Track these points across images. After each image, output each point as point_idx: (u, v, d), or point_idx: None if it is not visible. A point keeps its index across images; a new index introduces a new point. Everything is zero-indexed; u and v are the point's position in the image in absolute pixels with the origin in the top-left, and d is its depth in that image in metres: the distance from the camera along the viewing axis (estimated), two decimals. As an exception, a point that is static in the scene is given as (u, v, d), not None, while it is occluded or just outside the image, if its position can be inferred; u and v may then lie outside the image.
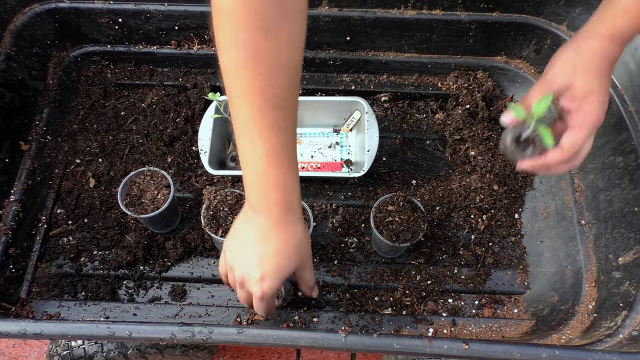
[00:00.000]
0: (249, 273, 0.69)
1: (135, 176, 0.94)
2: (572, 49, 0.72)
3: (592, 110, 0.70)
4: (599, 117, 0.70)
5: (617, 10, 0.68)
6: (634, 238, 0.84)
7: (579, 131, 0.70)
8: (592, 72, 0.70)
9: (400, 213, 0.91)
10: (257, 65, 0.57)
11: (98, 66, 1.17)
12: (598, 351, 0.69)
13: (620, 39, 0.69)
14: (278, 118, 0.60)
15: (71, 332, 0.73)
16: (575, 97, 0.71)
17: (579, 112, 0.70)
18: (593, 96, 0.70)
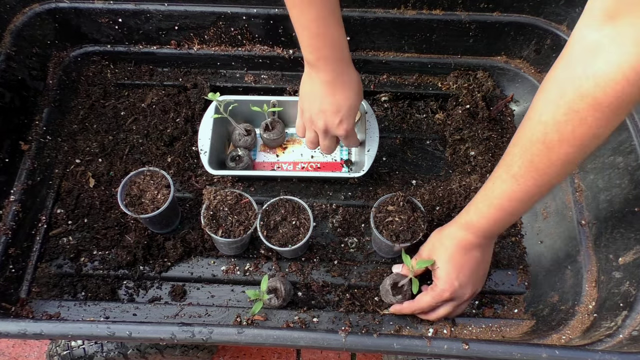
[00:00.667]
0: (329, 121, 0.88)
1: (135, 176, 0.94)
2: (439, 230, 0.87)
3: (437, 284, 0.84)
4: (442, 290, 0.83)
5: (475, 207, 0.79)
6: (634, 238, 0.84)
7: (426, 294, 0.85)
8: (442, 251, 0.83)
9: (400, 213, 0.91)
10: None
11: (98, 66, 1.17)
12: (598, 351, 0.69)
13: (475, 230, 0.79)
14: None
15: (71, 332, 0.73)
16: (432, 269, 0.85)
17: (432, 284, 0.85)
18: (439, 272, 0.83)
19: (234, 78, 1.18)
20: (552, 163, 0.63)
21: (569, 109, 0.57)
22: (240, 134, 1.08)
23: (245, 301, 0.94)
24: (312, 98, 0.87)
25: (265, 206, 0.92)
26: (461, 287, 0.83)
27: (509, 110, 1.15)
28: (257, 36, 1.14)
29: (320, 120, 0.88)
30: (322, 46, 0.80)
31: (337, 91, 0.85)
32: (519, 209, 0.73)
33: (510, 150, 0.69)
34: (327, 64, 0.82)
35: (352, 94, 0.87)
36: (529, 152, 0.65)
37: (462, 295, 0.84)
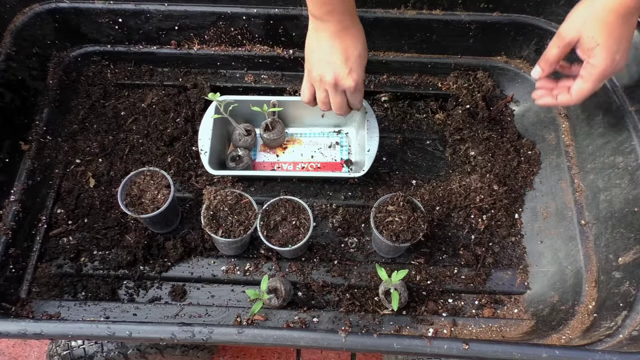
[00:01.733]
0: (338, 72, 0.84)
1: (135, 176, 0.94)
2: (585, 2, 0.77)
3: (596, 63, 0.75)
4: (603, 69, 0.75)
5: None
6: (634, 238, 0.84)
7: (585, 81, 0.77)
8: (599, 25, 0.74)
9: (400, 213, 0.91)
10: None
11: (98, 66, 1.17)
12: (598, 351, 0.69)
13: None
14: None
15: (71, 332, 0.73)
16: (583, 50, 0.76)
17: (586, 64, 0.76)
18: (598, 49, 0.74)
19: (234, 78, 1.18)
20: None
21: None
22: (240, 134, 1.08)
23: (245, 301, 0.94)
24: (320, 51, 0.85)
25: (265, 206, 0.92)
26: (621, 60, 0.76)
27: (509, 110, 1.15)
28: (257, 36, 1.14)
29: (329, 71, 0.85)
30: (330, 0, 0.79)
31: (344, 41, 0.83)
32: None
33: None
34: (333, 15, 0.80)
35: (360, 44, 0.85)
36: None
37: (620, 67, 0.77)
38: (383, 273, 0.87)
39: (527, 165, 1.06)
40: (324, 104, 0.91)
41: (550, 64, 0.84)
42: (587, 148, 0.99)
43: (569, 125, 1.05)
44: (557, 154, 1.03)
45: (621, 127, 0.90)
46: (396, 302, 0.84)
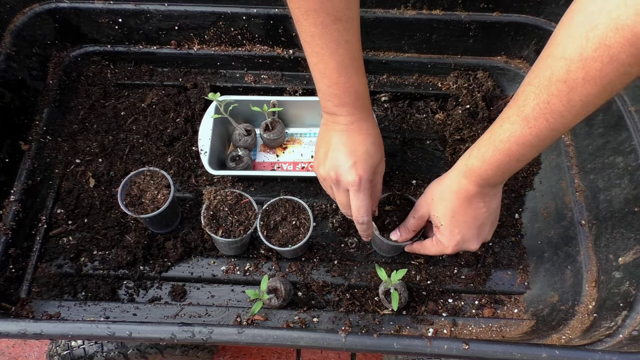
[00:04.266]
0: (341, 165, 0.77)
1: (135, 176, 0.94)
2: (437, 180, 0.82)
3: (441, 239, 0.81)
4: (444, 246, 0.81)
5: (477, 151, 0.71)
6: (634, 238, 0.84)
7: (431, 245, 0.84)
8: (444, 206, 0.78)
9: (397, 211, 0.91)
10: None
11: (98, 66, 1.17)
12: (598, 351, 0.69)
13: (476, 178, 0.73)
14: (340, 30, 0.68)
15: (71, 332, 0.73)
16: (434, 224, 0.82)
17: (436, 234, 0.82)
18: (442, 228, 0.79)
19: (234, 78, 1.18)
20: (572, 104, 0.57)
21: (599, 44, 0.51)
22: (240, 134, 1.08)
23: (245, 301, 0.94)
24: (326, 146, 0.79)
25: (265, 206, 0.92)
26: (465, 242, 0.79)
27: (509, 110, 1.14)
28: (257, 36, 1.14)
29: (331, 168, 0.79)
30: (342, 93, 0.75)
31: (353, 134, 0.77)
32: (526, 155, 0.67)
33: (523, 90, 0.63)
34: (346, 110, 0.76)
35: (369, 140, 0.78)
36: (546, 92, 0.59)
37: (467, 247, 0.81)
38: (383, 273, 0.87)
39: (527, 165, 1.06)
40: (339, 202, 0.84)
41: (409, 232, 0.87)
42: (587, 148, 0.99)
43: (569, 125, 1.05)
44: (557, 154, 1.03)
45: (621, 127, 0.90)
46: (396, 302, 0.84)
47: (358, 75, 0.74)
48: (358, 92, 0.75)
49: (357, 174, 0.76)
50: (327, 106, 0.77)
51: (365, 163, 0.77)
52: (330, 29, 0.67)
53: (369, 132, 0.78)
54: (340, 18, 0.67)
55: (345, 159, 0.77)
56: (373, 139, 0.79)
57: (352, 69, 0.73)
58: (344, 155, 0.77)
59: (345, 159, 0.77)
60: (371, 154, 0.78)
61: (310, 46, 0.71)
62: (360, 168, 0.76)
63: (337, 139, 0.78)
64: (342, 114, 0.76)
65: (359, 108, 0.77)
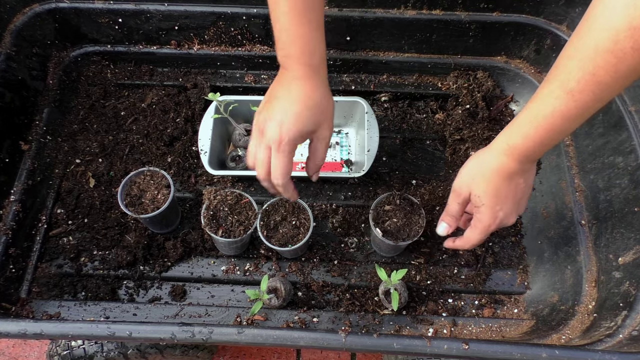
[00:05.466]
0: (269, 119, 0.73)
1: (135, 176, 0.94)
2: (475, 158, 0.79)
3: (481, 219, 0.78)
4: (487, 226, 0.78)
5: (518, 129, 0.71)
6: (634, 238, 0.84)
7: (473, 232, 0.80)
8: (485, 185, 0.77)
9: (397, 211, 0.91)
10: None
11: (98, 66, 1.17)
12: (598, 351, 0.69)
13: (517, 155, 0.73)
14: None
15: (71, 332, 0.73)
16: (472, 205, 0.80)
17: (474, 218, 0.80)
18: (483, 208, 0.77)
19: (234, 78, 1.18)
20: (619, 75, 0.57)
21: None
22: (240, 134, 1.08)
23: (245, 301, 0.94)
24: (268, 97, 0.77)
25: (265, 206, 0.92)
26: (505, 217, 0.78)
27: (509, 110, 1.15)
28: (257, 36, 1.14)
29: (260, 118, 0.76)
30: (290, 43, 0.72)
31: (292, 92, 0.74)
32: (569, 128, 0.67)
33: (563, 64, 0.62)
34: (292, 63, 0.73)
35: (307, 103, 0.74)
36: (592, 64, 0.58)
37: (506, 222, 0.79)
38: (383, 273, 0.87)
39: (527, 165, 1.06)
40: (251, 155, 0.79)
41: (455, 219, 0.85)
42: (587, 148, 0.99)
43: (569, 125, 1.05)
44: (557, 154, 1.03)
45: (621, 127, 0.90)
46: (396, 302, 0.84)
47: (310, 27, 0.71)
48: (307, 46, 0.72)
49: (280, 133, 0.73)
50: (278, 56, 0.74)
51: (293, 125, 0.73)
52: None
53: (309, 94, 0.74)
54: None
55: (273, 114, 0.73)
56: (311, 100, 0.74)
57: (304, 19, 0.70)
58: (274, 111, 0.74)
59: (274, 114, 0.73)
60: (303, 117, 0.74)
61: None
62: (285, 128, 0.72)
63: (276, 92, 0.75)
64: (288, 67, 0.74)
65: (305, 65, 0.73)
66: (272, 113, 0.74)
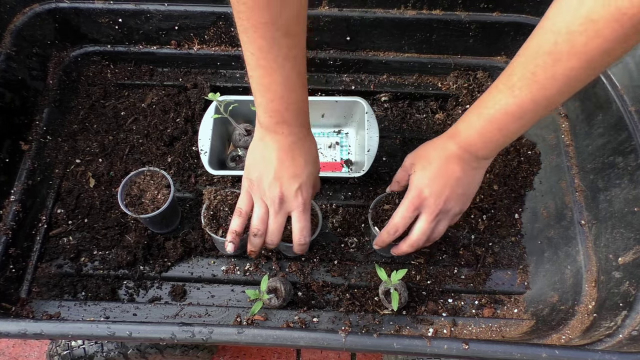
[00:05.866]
0: (286, 188, 0.76)
1: (135, 176, 0.94)
2: (428, 142, 0.83)
3: (409, 189, 0.80)
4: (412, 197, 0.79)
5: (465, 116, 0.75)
6: (634, 238, 0.84)
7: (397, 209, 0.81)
8: (422, 157, 0.80)
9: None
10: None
11: (98, 66, 1.17)
12: (598, 351, 0.69)
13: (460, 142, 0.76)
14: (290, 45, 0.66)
15: (71, 332, 0.73)
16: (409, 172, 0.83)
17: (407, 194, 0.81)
18: (412, 176, 0.80)
19: (234, 78, 1.18)
20: (555, 77, 0.60)
21: (586, 19, 0.53)
22: (240, 134, 1.08)
23: (245, 301, 0.94)
24: (266, 165, 0.77)
25: None
26: (432, 196, 0.77)
27: (509, 110, 1.14)
28: (257, 36, 1.14)
29: (275, 188, 0.76)
30: (285, 110, 0.72)
31: (295, 157, 0.76)
32: (509, 127, 0.68)
33: (513, 61, 0.65)
34: (287, 128, 0.74)
35: (311, 162, 0.79)
36: (533, 63, 0.61)
37: (433, 206, 0.78)
38: (383, 273, 0.87)
39: (527, 165, 1.06)
40: (261, 222, 0.80)
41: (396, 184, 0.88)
42: (587, 148, 0.99)
43: (568, 125, 1.05)
44: (557, 154, 1.03)
45: (621, 127, 0.90)
46: (396, 302, 0.84)
47: (302, 91, 0.73)
48: (301, 108, 0.74)
49: (303, 197, 0.78)
50: (267, 122, 0.74)
51: (308, 186, 0.79)
52: (279, 44, 0.65)
53: (310, 152, 0.79)
54: (290, 33, 0.65)
55: (289, 182, 0.76)
56: (312, 157, 0.80)
57: (297, 85, 0.71)
58: (289, 179, 0.76)
59: (290, 182, 0.76)
60: (313, 175, 0.80)
61: (257, 59, 0.68)
62: (305, 191, 0.78)
63: (278, 161, 0.76)
64: (283, 132, 0.75)
65: (300, 126, 0.76)
66: (286, 182, 0.76)
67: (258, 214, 0.80)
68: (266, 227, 0.81)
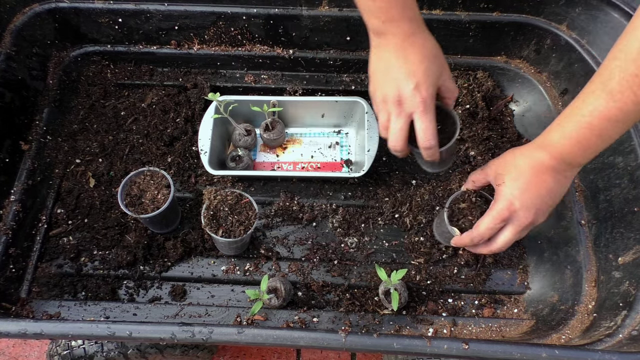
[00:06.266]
0: (402, 88, 0.73)
1: (135, 176, 0.94)
2: (514, 149, 0.80)
3: (496, 200, 0.77)
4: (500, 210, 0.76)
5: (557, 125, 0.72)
6: (633, 238, 0.84)
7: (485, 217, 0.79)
8: (510, 168, 0.77)
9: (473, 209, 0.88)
10: None
11: (98, 66, 1.17)
12: (598, 351, 0.70)
13: (553, 151, 0.72)
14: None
15: (71, 332, 0.73)
16: (494, 183, 0.80)
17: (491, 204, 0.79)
18: (501, 187, 0.77)
19: (234, 78, 1.18)
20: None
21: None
22: (240, 134, 1.08)
23: (245, 301, 0.94)
24: (381, 70, 0.76)
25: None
26: (522, 209, 0.75)
27: (509, 110, 1.15)
28: (257, 36, 1.14)
29: (392, 90, 0.74)
30: (389, 6, 0.71)
31: (408, 53, 0.74)
32: (609, 131, 0.65)
33: (607, 65, 0.62)
34: (396, 25, 0.73)
35: (428, 57, 0.75)
36: (634, 65, 0.58)
37: (522, 219, 0.76)
38: (383, 273, 0.87)
39: (527, 165, 1.06)
40: (383, 127, 0.79)
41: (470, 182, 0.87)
42: (587, 148, 0.99)
43: (568, 125, 1.05)
44: (557, 154, 1.03)
45: (621, 127, 0.90)
46: (396, 302, 0.84)
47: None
48: (407, 4, 0.73)
49: (422, 96, 0.73)
50: (375, 24, 0.74)
51: (427, 82, 0.74)
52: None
53: (424, 45, 0.75)
54: None
55: (406, 81, 0.73)
56: (429, 52, 0.76)
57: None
58: (404, 78, 0.73)
59: (407, 81, 0.73)
60: (431, 71, 0.75)
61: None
62: (423, 89, 0.73)
63: (393, 60, 0.74)
64: (392, 31, 0.73)
65: (409, 20, 0.73)
66: (401, 81, 0.73)
67: (381, 120, 0.79)
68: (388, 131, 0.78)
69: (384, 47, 0.75)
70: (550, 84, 1.11)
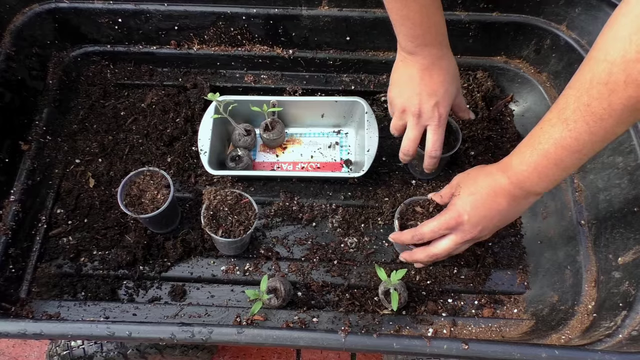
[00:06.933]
0: (423, 103, 0.86)
1: (135, 176, 0.94)
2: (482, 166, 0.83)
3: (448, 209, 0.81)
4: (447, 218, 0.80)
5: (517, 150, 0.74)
6: (633, 238, 0.84)
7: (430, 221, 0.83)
8: (470, 187, 0.80)
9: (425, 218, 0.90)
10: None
11: (98, 66, 1.17)
12: (598, 351, 0.69)
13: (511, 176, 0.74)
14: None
15: (71, 332, 0.73)
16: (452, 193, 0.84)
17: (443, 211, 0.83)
18: (455, 199, 0.81)
19: (234, 78, 1.19)
20: (612, 108, 0.58)
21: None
22: (240, 134, 1.08)
23: (245, 301, 0.94)
24: (406, 82, 0.87)
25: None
26: (468, 223, 0.78)
27: (509, 110, 1.15)
28: (257, 36, 1.14)
29: (414, 103, 0.86)
30: (423, 34, 0.81)
31: (433, 74, 0.85)
32: (566, 161, 0.66)
33: (564, 94, 0.64)
34: (427, 50, 0.83)
35: (449, 80, 0.87)
36: (587, 95, 0.59)
37: (466, 233, 0.79)
38: (382, 273, 0.87)
39: (527, 165, 1.06)
40: (396, 129, 0.93)
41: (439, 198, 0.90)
42: (586, 148, 0.99)
43: (568, 125, 1.05)
44: (557, 154, 1.03)
45: (621, 127, 0.90)
46: (396, 302, 0.84)
47: (438, 14, 0.82)
48: (439, 31, 0.83)
49: (439, 113, 0.86)
50: (408, 46, 0.84)
51: (445, 102, 0.87)
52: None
53: (448, 69, 0.87)
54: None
55: (427, 98, 0.85)
56: (451, 76, 0.87)
57: (433, 9, 0.80)
58: (426, 95, 0.85)
59: (428, 98, 0.85)
60: (450, 92, 0.87)
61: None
62: (442, 107, 0.86)
63: (418, 78, 0.85)
64: (423, 54, 0.83)
65: (439, 45, 0.84)
66: (424, 97, 0.86)
67: (394, 123, 0.93)
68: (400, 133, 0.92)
69: (412, 63, 0.85)
70: (550, 84, 1.11)
